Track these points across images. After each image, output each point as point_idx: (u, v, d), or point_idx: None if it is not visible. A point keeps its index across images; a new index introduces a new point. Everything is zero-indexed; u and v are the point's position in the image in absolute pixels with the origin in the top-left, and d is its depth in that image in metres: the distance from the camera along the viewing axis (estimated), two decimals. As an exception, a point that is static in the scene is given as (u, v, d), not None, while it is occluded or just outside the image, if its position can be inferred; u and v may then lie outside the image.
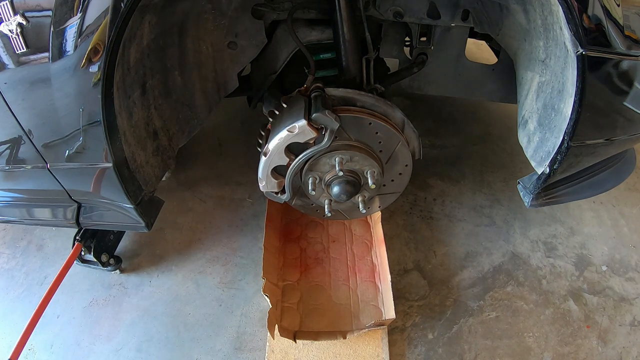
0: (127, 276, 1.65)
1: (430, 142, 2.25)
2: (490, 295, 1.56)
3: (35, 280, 1.65)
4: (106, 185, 1.17)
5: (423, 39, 1.53)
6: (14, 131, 1.08)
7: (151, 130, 1.27)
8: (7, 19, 0.89)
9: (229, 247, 1.73)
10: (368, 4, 1.33)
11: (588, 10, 0.87)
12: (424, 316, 1.49)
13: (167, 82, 1.31)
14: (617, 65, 0.95)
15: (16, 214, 1.44)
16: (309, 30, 1.46)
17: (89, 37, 0.89)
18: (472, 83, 1.66)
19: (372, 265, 1.60)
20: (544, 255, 1.70)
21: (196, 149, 2.22)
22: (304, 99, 1.22)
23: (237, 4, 1.32)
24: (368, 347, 1.37)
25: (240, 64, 1.46)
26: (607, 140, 1.12)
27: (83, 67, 0.92)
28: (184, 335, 1.45)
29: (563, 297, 1.55)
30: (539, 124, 1.20)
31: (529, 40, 1.22)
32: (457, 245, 1.73)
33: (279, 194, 1.35)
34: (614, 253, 1.71)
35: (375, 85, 1.42)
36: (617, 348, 1.42)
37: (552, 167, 1.13)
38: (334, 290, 1.53)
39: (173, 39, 1.26)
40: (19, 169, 1.22)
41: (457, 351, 1.40)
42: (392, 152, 1.29)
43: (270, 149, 1.20)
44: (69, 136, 1.06)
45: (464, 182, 2.01)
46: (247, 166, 2.07)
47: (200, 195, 1.96)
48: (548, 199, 1.29)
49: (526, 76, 1.30)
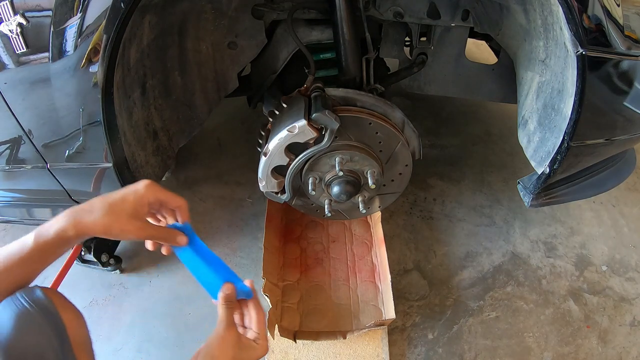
0: (127, 276, 1.65)
1: (430, 142, 2.25)
2: (490, 295, 1.56)
3: (35, 280, 1.65)
4: (106, 185, 1.17)
5: (423, 39, 1.53)
6: (14, 131, 1.08)
7: (151, 130, 1.27)
8: (7, 19, 0.89)
9: (229, 247, 1.73)
10: (368, 4, 1.33)
11: (588, 10, 0.87)
12: (424, 316, 1.49)
13: (167, 82, 1.31)
14: (617, 65, 0.95)
15: (16, 214, 1.44)
16: (309, 30, 1.46)
17: (89, 37, 0.89)
18: (472, 83, 1.66)
19: (372, 265, 1.60)
20: (544, 255, 1.70)
21: (196, 149, 2.22)
22: (304, 99, 1.22)
23: (237, 4, 1.32)
24: (368, 347, 1.37)
25: (240, 64, 1.46)
26: (607, 140, 1.12)
27: (83, 67, 0.92)
28: (184, 335, 1.44)
29: (563, 297, 1.55)
30: (539, 124, 1.20)
31: (529, 40, 1.22)
32: (457, 245, 1.73)
33: (279, 194, 1.35)
34: (614, 253, 1.71)
35: (375, 85, 1.42)
36: (617, 348, 1.42)
37: (552, 167, 1.13)
38: (334, 290, 1.53)
39: (173, 39, 1.26)
40: (19, 169, 1.22)
41: (457, 351, 1.40)
42: (392, 152, 1.29)
43: (270, 149, 1.20)
44: (69, 136, 1.06)
45: (464, 182, 2.01)
46: (247, 166, 2.07)
47: (200, 195, 1.96)
48: (548, 199, 1.29)
49: (526, 76, 1.30)
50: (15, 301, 0.66)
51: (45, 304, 0.67)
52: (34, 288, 0.70)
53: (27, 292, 0.69)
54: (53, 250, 0.71)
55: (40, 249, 0.69)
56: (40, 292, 0.70)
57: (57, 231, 0.69)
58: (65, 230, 0.69)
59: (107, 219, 0.70)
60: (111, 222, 0.70)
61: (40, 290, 0.70)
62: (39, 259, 0.71)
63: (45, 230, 0.69)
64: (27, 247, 0.69)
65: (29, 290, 0.69)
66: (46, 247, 0.69)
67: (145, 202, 0.75)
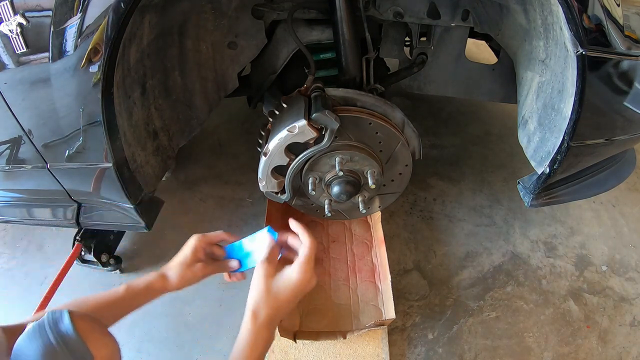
0: (127, 276, 1.65)
1: (430, 142, 2.25)
2: (490, 295, 1.56)
3: (35, 280, 1.65)
4: (106, 185, 1.17)
5: (423, 39, 1.53)
6: (14, 131, 1.08)
7: (151, 130, 1.27)
8: (7, 19, 0.89)
9: (229, 247, 1.73)
10: (368, 4, 1.33)
11: (588, 10, 0.87)
12: (424, 316, 1.49)
13: (167, 82, 1.31)
14: (617, 65, 0.95)
15: (16, 214, 1.44)
16: (309, 30, 1.46)
17: (89, 37, 0.89)
18: (472, 83, 1.66)
19: (372, 265, 1.60)
20: (544, 255, 1.70)
21: (196, 149, 2.22)
22: (304, 99, 1.22)
23: (237, 4, 1.32)
24: (368, 347, 1.36)
25: (240, 64, 1.46)
26: (607, 140, 1.12)
27: (83, 67, 0.92)
28: (184, 335, 1.44)
29: (563, 297, 1.55)
30: (539, 124, 1.20)
31: (529, 40, 1.22)
32: (457, 245, 1.73)
33: (279, 194, 1.35)
34: (614, 253, 1.71)
35: (375, 85, 1.42)
36: (617, 348, 1.42)
37: (552, 167, 1.13)
38: (334, 290, 1.53)
39: (173, 39, 1.25)
40: (19, 169, 1.22)
41: (457, 351, 1.40)
42: (392, 152, 1.29)
43: (270, 149, 1.20)
44: (69, 136, 1.06)
45: (464, 182, 2.01)
46: (247, 166, 2.08)
47: (200, 195, 1.96)
48: (548, 199, 1.29)
49: (526, 76, 1.30)
50: (42, 334, 0.61)
51: (73, 341, 0.62)
52: (62, 314, 0.63)
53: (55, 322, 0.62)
54: (140, 298, 0.92)
55: (129, 297, 0.90)
56: (69, 322, 0.63)
57: (146, 283, 0.92)
58: (153, 283, 0.93)
59: (181, 271, 0.95)
60: (184, 273, 0.95)
61: (69, 319, 0.63)
62: (127, 304, 0.91)
63: (136, 283, 0.92)
64: (119, 293, 0.90)
65: (57, 319, 0.63)
66: (134, 294, 0.91)
67: (199, 248, 0.98)
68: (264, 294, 0.82)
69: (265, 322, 0.81)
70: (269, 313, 0.81)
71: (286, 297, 0.83)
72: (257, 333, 0.80)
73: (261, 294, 0.83)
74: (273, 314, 0.82)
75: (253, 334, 0.80)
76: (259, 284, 0.84)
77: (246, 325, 0.80)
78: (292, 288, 0.84)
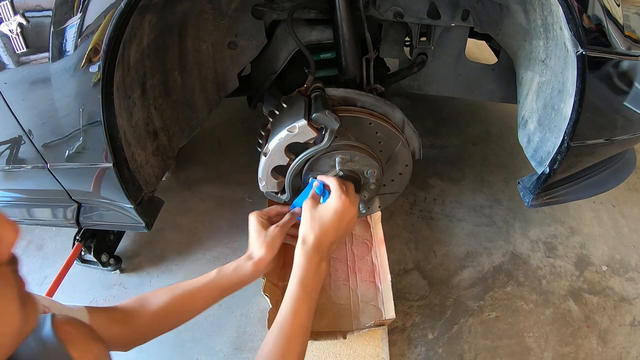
0: (127, 276, 1.65)
1: (430, 142, 2.25)
2: (490, 295, 1.56)
3: (35, 280, 1.65)
4: (106, 185, 1.17)
5: (423, 39, 1.53)
6: (14, 131, 1.08)
7: (151, 130, 1.27)
8: (7, 19, 0.89)
9: (229, 247, 1.73)
10: (368, 4, 1.33)
11: (588, 10, 0.87)
12: (424, 316, 1.49)
13: (167, 82, 1.31)
14: (617, 65, 0.95)
15: (16, 214, 1.43)
16: (309, 30, 1.46)
17: (89, 37, 0.89)
18: (472, 83, 1.66)
19: (372, 265, 1.60)
20: (544, 255, 1.70)
21: (196, 149, 2.22)
22: (304, 99, 1.22)
23: (237, 4, 1.32)
24: (368, 347, 1.36)
25: (240, 64, 1.46)
26: (607, 140, 1.12)
27: (83, 67, 0.92)
28: (183, 335, 1.44)
29: (563, 297, 1.55)
30: (539, 124, 1.20)
31: (529, 40, 1.22)
32: (457, 245, 1.73)
33: (279, 194, 1.35)
34: (614, 253, 1.71)
35: (375, 85, 1.42)
36: (617, 348, 1.42)
37: (552, 167, 1.13)
38: (334, 290, 1.53)
39: (173, 39, 1.25)
40: (19, 169, 1.22)
41: (457, 351, 1.40)
42: (392, 152, 1.29)
43: (270, 149, 1.20)
44: (69, 136, 1.06)
45: (464, 182, 2.02)
46: (247, 166, 2.08)
47: (200, 195, 1.96)
48: (548, 199, 1.28)
49: (526, 76, 1.30)
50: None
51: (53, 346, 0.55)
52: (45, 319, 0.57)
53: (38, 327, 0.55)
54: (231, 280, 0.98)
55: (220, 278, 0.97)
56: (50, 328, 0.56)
57: (235, 264, 0.99)
58: (240, 263, 1.00)
59: (259, 241, 1.04)
60: (263, 240, 1.04)
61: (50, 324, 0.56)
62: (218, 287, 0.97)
63: (227, 266, 0.99)
64: (210, 276, 0.97)
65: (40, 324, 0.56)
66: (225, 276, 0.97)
67: (261, 219, 1.09)
68: (309, 221, 0.94)
69: (314, 245, 0.91)
70: (316, 235, 0.92)
71: (329, 220, 0.94)
72: (306, 255, 0.90)
73: (307, 221, 0.94)
74: (320, 237, 0.92)
75: (303, 256, 0.90)
76: (304, 216, 0.96)
77: (297, 252, 0.91)
78: (333, 212, 0.94)
